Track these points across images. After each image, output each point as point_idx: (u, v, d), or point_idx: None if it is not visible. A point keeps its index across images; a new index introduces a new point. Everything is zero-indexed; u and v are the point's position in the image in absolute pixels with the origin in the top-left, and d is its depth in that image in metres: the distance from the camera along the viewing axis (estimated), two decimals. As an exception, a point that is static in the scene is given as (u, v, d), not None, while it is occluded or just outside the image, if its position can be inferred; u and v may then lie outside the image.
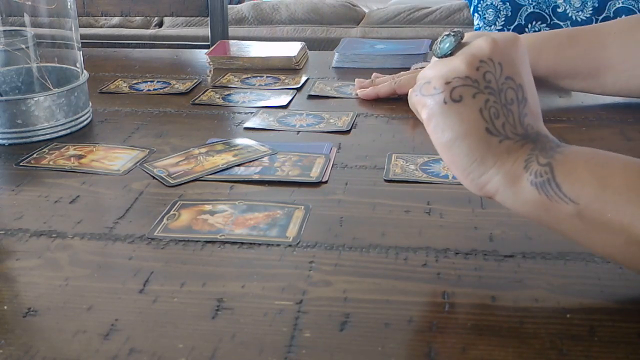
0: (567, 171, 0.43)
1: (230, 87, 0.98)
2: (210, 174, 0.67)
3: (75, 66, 0.85)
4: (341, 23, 2.52)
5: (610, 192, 0.41)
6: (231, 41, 1.24)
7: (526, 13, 2.36)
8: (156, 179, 0.67)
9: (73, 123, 0.81)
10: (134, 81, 1.02)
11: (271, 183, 0.65)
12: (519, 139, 0.45)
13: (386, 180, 0.65)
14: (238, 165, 0.69)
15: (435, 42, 0.48)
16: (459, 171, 0.46)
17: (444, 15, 2.43)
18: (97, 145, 0.76)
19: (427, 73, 0.47)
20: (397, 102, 0.88)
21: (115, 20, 2.61)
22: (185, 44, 1.90)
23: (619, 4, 2.30)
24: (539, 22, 2.36)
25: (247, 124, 0.82)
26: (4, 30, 0.91)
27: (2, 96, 0.81)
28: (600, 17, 2.32)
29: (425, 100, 0.46)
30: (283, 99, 0.91)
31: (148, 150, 0.74)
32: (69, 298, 0.48)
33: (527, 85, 0.46)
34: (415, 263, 0.51)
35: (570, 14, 2.34)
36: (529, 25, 2.36)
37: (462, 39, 0.47)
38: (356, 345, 0.42)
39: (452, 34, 0.47)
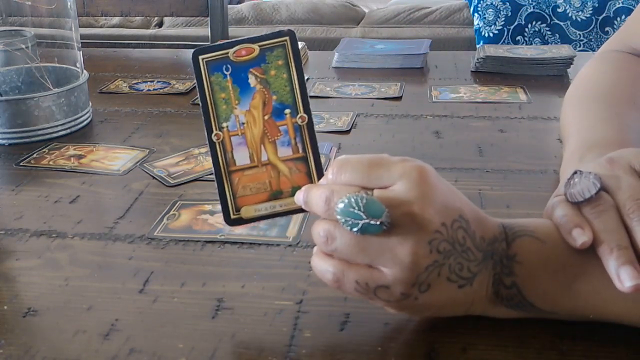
0: (533, 287, 0.41)
1: (230, 87, 0.98)
2: (210, 174, 0.67)
3: (75, 66, 0.85)
4: (341, 23, 2.52)
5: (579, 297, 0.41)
6: (231, 41, 1.24)
7: (526, 13, 2.36)
8: (156, 179, 0.67)
9: (73, 123, 0.81)
10: (134, 81, 1.02)
11: (271, 183, 0.65)
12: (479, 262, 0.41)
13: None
14: (238, 165, 0.69)
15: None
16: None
17: (444, 15, 2.43)
18: (97, 145, 0.76)
19: None
20: (397, 102, 0.88)
21: (115, 20, 2.61)
22: (185, 44, 1.90)
23: (619, 4, 2.30)
24: (539, 22, 2.36)
25: (247, 124, 0.82)
26: (4, 30, 0.91)
27: (2, 96, 0.81)
28: (600, 17, 2.32)
29: None
30: (283, 99, 0.91)
31: (148, 150, 0.74)
32: (69, 298, 0.48)
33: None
34: (415, 263, 0.51)
35: (570, 14, 2.35)
36: (529, 25, 2.36)
37: None
38: (356, 345, 0.42)
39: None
